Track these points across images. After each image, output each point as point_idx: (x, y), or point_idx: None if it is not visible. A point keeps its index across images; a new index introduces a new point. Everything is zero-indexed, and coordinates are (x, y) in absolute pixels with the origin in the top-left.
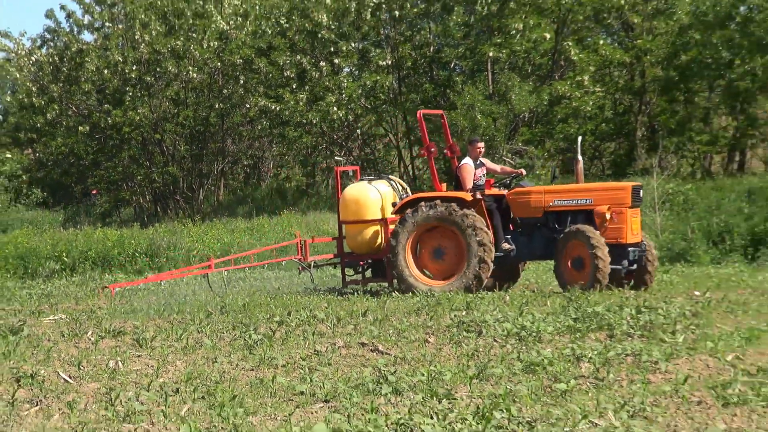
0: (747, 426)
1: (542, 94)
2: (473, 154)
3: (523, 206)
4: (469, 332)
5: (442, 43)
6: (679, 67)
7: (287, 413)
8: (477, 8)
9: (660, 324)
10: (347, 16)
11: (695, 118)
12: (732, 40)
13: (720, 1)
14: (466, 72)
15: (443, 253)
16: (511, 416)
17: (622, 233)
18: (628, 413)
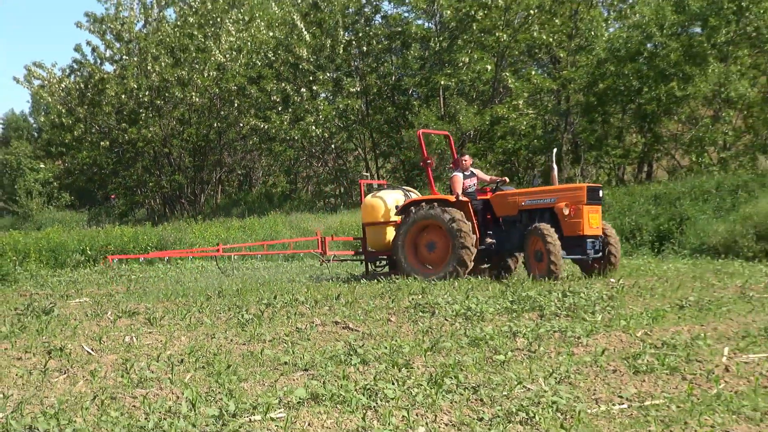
0: (654, 390)
1: (485, 116)
2: (462, 166)
3: (503, 206)
4: (424, 312)
5: (402, 73)
6: (597, 94)
7: (273, 380)
8: (431, 45)
9: (582, 305)
10: (323, 50)
11: (611, 136)
12: (641, 71)
13: (631, 39)
14: (422, 97)
15: (434, 246)
16: (458, 382)
17: (580, 227)
18: (556, 380)
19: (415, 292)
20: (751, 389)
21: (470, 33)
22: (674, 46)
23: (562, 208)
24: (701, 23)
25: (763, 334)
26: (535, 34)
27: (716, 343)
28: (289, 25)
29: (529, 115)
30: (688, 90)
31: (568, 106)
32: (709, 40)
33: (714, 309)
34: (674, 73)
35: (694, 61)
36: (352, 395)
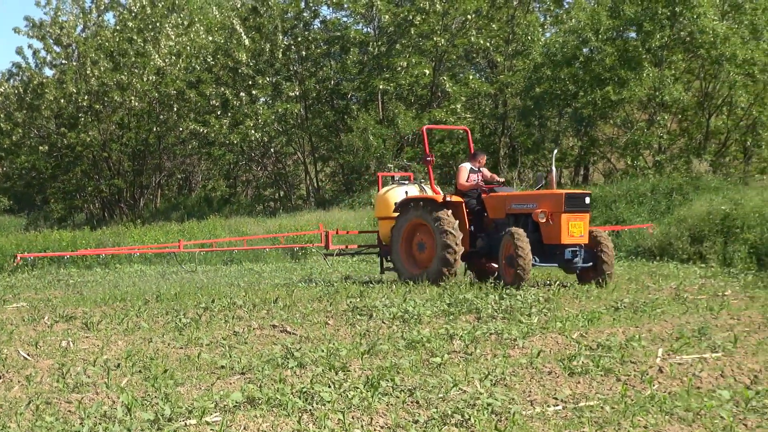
0: (588, 391)
1: (423, 120)
2: (474, 163)
3: (493, 209)
4: (361, 315)
5: (341, 78)
6: (534, 98)
7: (209, 384)
8: (369, 49)
9: (518, 308)
10: (263, 55)
11: (548, 139)
12: (576, 76)
13: (567, 44)
14: (361, 101)
15: (424, 246)
16: (395, 385)
17: (557, 235)
18: (491, 382)
19: (353, 295)
20: (684, 390)
21: (408, 38)
22: (609, 50)
23: (537, 216)
24: (636, 28)
25: (696, 335)
26: (473, 38)
27: (650, 345)
28: (228, 30)
29: (467, 119)
30: (623, 94)
31: (505, 110)
32: (644, 44)
33: (649, 311)
34: (610, 78)
35: (629, 65)
36: (288, 398)
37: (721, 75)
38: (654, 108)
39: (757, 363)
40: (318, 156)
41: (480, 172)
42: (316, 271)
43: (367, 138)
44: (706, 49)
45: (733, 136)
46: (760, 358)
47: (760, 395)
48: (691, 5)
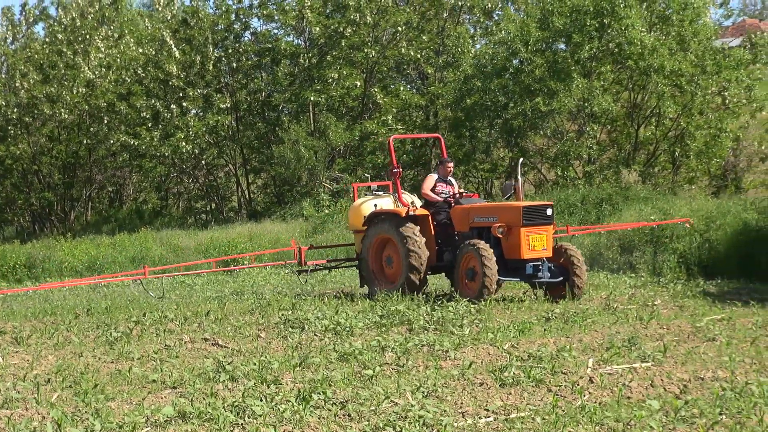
0: (519, 402)
1: (354, 131)
2: (441, 171)
3: (458, 221)
4: (294, 328)
5: (272, 90)
6: (465, 109)
7: (141, 398)
8: (300, 61)
9: (450, 319)
10: (193, 67)
11: (478, 150)
12: (507, 87)
13: (497, 55)
14: (292, 113)
15: (392, 260)
16: (326, 398)
17: (517, 250)
18: (423, 394)
19: (285, 307)
20: (614, 400)
21: (339, 49)
22: (539, 62)
23: (494, 231)
24: (565, 40)
25: (626, 345)
26: (403, 50)
27: (581, 355)
28: (158, 42)
29: (398, 131)
30: (553, 105)
31: (436, 121)
32: (573, 56)
33: (579, 321)
34: (539, 89)
35: (559, 76)
36: (219, 412)
37: (649, 86)
38: (583, 119)
39: (687, 372)
40: (249, 168)
41: (449, 182)
42: (248, 284)
43: (299, 150)
44: (635, 61)
45: (662, 146)
46: (689, 367)
47: (689, 405)
48: (619, 17)
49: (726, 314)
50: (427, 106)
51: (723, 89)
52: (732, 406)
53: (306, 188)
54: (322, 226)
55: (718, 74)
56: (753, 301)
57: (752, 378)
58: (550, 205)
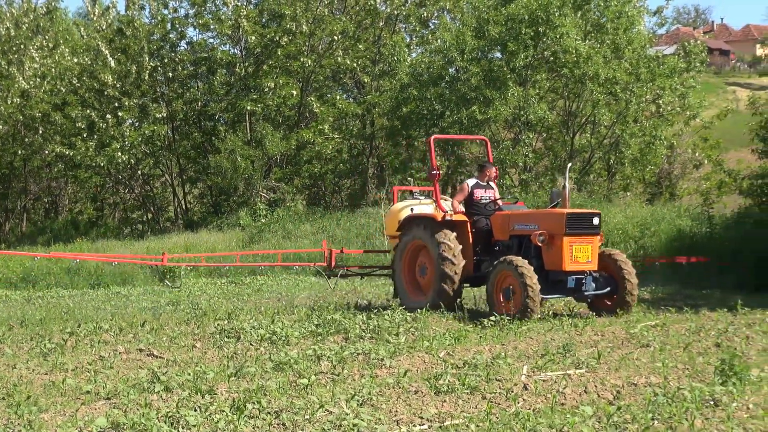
0: (454, 410)
1: (291, 141)
2: (481, 176)
3: (498, 229)
4: (229, 338)
5: (209, 99)
6: (401, 118)
7: (74, 410)
8: (236, 70)
9: (386, 327)
10: (129, 76)
11: (415, 159)
12: (443, 96)
13: (433, 64)
14: (228, 123)
15: (425, 269)
16: (261, 407)
17: (559, 261)
18: (358, 402)
19: (221, 317)
20: (548, 407)
21: (275, 58)
22: (475, 70)
23: (535, 239)
24: (501, 48)
25: (561, 351)
26: (340, 59)
27: (516, 362)
28: (94, 51)
29: (335, 140)
30: (488, 113)
31: (373, 130)
32: (509, 64)
33: (515, 328)
34: (475, 97)
35: (495, 85)
36: (153, 423)
37: (584, 94)
38: (519, 127)
39: (620, 378)
40: (186, 178)
41: (490, 187)
42: (184, 295)
43: (235, 159)
44: (570, 69)
45: (597, 154)
46: (622, 373)
47: (622, 411)
48: (554, 25)
49: (660, 320)
50: (363, 114)
51: (657, 97)
52: (664, 411)
53: (243, 198)
54: (259, 236)
55: (652, 82)
56: (687, 307)
57: (684, 383)
58: (598, 213)
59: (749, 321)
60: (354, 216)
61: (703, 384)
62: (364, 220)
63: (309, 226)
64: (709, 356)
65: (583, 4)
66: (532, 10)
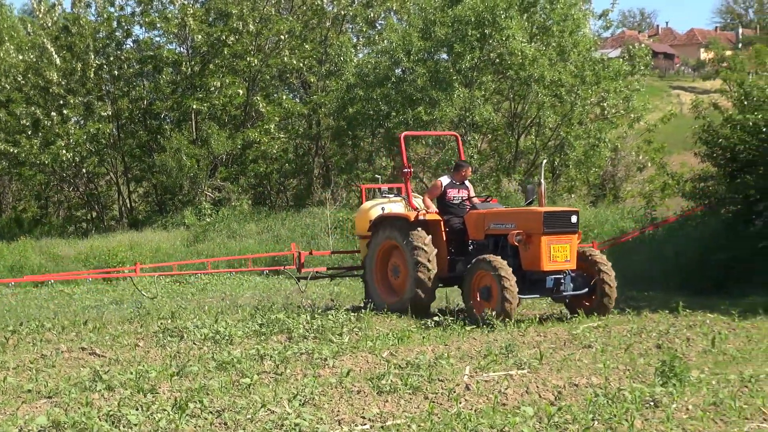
0: (396, 410)
1: (236, 140)
2: (456, 176)
3: (473, 228)
4: (172, 337)
5: (154, 98)
6: (347, 118)
7: (14, 408)
8: (182, 69)
9: (330, 327)
10: (74, 74)
11: (361, 159)
12: (389, 96)
13: (379, 65)
14: (174, 121)
15: (398, 270)
16: (203, 407)
17: (537, 260)
18: (300, 402)
19: (165, 316)
20: (489, 407)
21: (222, 57)
22: (421, 71)
23: (512, 238)
24: (447, 50)
25: (503, 352)
26: (286, 59)
27: (459, 362)
28: (39, 49)
29: (281, 139)
30: (434, 114)
31: (319, 130)
32: (455, 66)
33: (458, 329)
34: (421, 98)
35: (441, 86)
36: (94, 422)
37: (529, 96)
38: (465, 128)
39: (561, 379)
40: (131, 176)
41: (464, 187)
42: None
43: (181, 158)
44: (515, 71)
45: (542, 155)
46: (564, 374)
47: (563, 411)
48: (501, 27)
49: (602, 322)
50: (309, 114)
51: (602, 99)
52: (604, 412)
53: (188, 197)
54: (204, 235)
55: (597, 85)
56: (628, 308)
57: (625, 384)
58: (576, 211)
59: (690, 323)
60: (299, 216)
61: (643, 385)
62: (309, 220)
63: (254, 226)
64: (650, 357)
65: (529, 6)
66: (479, 12)
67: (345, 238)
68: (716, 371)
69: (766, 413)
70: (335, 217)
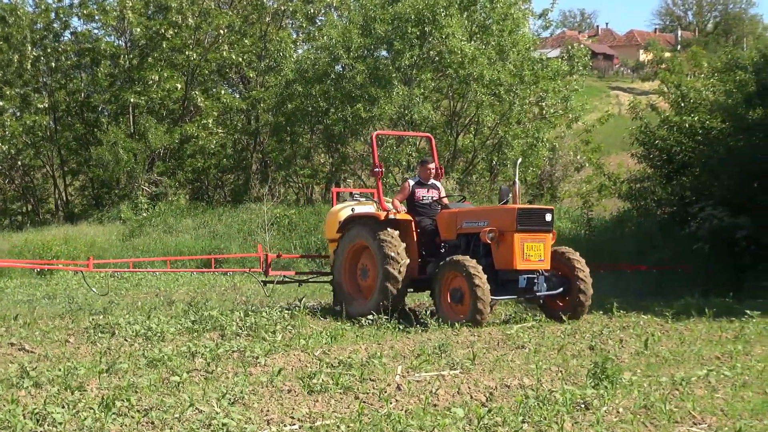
0: (326, 410)
1: (174, 134)
2: (422, 174)
3: (444, 228)
4: (104, 333)
5: (92, 90)
6: (286, 114)
7: None
8: (121, 62)
9: (263, 325)
10: (11, 65)
11: (299, 156)
12: (328, 93)
13: (318, 61)
14: (112, 115)
15: (367, 272)
16: (131, 405)
17: (510, 259)
18: (229, 401)
19: (97, 312)
20: (420, 408)
21: (160, 51)
22: (361, 68)
23: (484, 236)
24: (387, 47)
25: (437, 352)
26: (225, 53)
27: (391, 362)
28: None
29: (219, 134)
30: (373, 112)
31: (257, 125)
32: (394, 63)
33: (392, 327)
34: (361, 95)
35: (380, 83)
36: (18, 420)
37: (468, 94)
38: (403, 126)
39: (494, 380)
40: (67, 169)
41: (437, 188)
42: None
43: (118, 152)
44: (455, 69)
45: (480, 154)
46: (496, 375)
47: (493, 413)
48: (440, 26)
49: (536, 322)
50: (248, 110)
51: (540, 99)
52: (535, 414)
53: (124, 191)
54: (140, 230)
55: (535, 84)
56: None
57: (557, 386)
58: (550, 209)
59: (623, 324)
60: (236, 211)
61: (575, 387)
62: (246, 216)
63: (191, 221)
64: (583, 359)
65: (469, 5)
66: (419, 10)
67: (282, 235)
68: (648, 373)
69: (696, 417)
70: (273, 213)
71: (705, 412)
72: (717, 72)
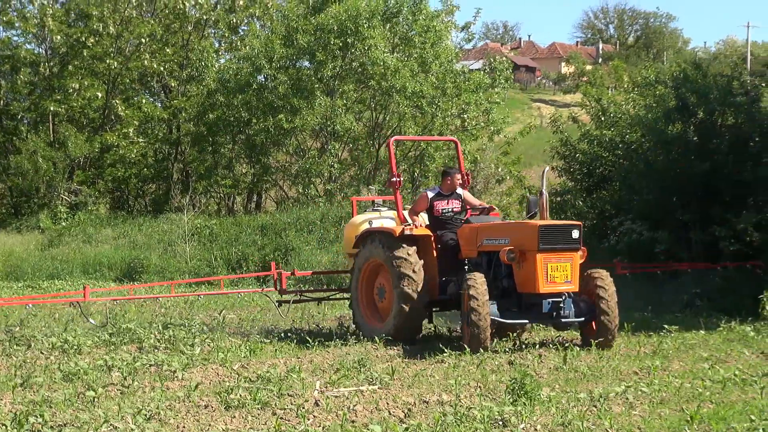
0: (243, 426)
1: (94, 143)
2: (444, 186)
3: (465, 244)
4: (19, 345)
5: (11, 98)
6: (207, 124)
7: None
8: (41, 70)
9: (182, 338)
10: None
11: (221, 166)
12: (250, 103)
13: (241, 71)
14: (31, 123)
15: (384, 292)
16: (44, 421)
17: (532, 281)
18: (145, 417)
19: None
20: (337, 424)
21: (81, 59)
22: (283, 78)
23: (505, 254)
24: (309, 57)
25: (356, 366)
26: (147, 62)
27: (310, 376)
28: None
29: (140, 144)
30: (295, 122)
31: (178, 135)
32: (317, 74)
33: (312, 340)
34: (283, 106)
35: (302, 94)
36: None
37: (391, 106)
38: (326, 137)
39: (412, 396)
40: None
41: (459, 197)
42: None
43: (37, 160)
44: (377, 81)
45: (402, 166)
46: (415, 390)
47: (410, 430)
48: (363, 37)
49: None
50: (169, 119)
51: (462, 111)
52: (453, 430)
53: (43, 200)
54: (59, 239)
55: (458, 97)
56: None
57: (476, 402)
58: (578, 225)
59: (543, 338)
60: (157, 222)
61: (493, 403)
62: (167, 226)
63: (111, 231)
64: (502, 374)
65: (391, 17)
66: (341, 21)
67: (202, 245)
68: (567, 389)
69: None
70: (193, 223)
71: (622, 429)
72: (637, 86)
